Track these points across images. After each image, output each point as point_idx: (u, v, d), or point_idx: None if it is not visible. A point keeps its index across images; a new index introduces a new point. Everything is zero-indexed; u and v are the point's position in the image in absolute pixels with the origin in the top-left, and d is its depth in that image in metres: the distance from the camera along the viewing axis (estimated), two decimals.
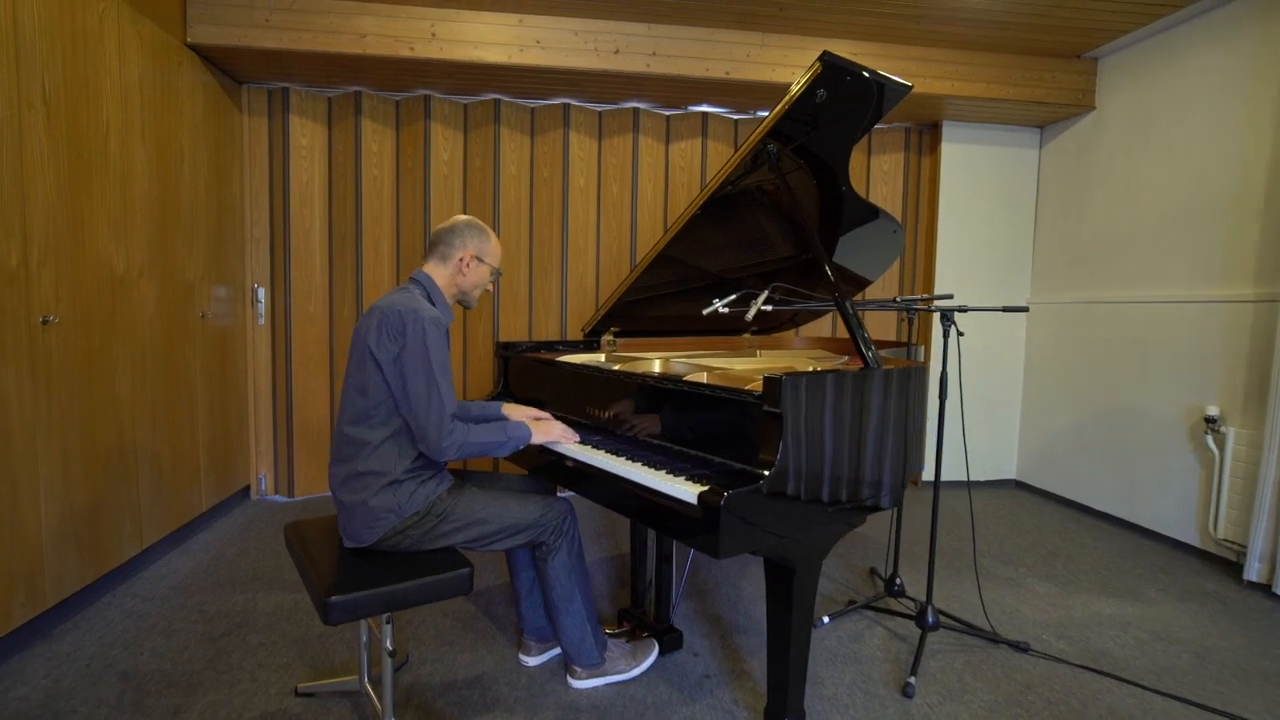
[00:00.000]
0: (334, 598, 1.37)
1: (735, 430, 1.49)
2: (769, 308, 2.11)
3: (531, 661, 1.97)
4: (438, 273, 1.77)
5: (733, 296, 2.36)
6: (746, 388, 1.55)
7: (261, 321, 3.54)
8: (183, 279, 2.87)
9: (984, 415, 4.01)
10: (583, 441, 1.84)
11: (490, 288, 1.88)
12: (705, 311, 2.35)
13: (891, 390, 1.64)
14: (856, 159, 3.91)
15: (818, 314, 3.04)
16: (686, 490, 1.36)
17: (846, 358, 2.73)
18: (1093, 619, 2.36)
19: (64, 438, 2.13)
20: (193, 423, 2.95)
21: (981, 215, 3.93)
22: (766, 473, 1.34)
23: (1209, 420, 2.84)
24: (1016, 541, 3.13)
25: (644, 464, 1.58)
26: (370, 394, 1.58)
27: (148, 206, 2.59)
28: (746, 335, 3.19)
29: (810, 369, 2.41)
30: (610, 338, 2.75)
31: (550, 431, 1.79)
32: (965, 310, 2.04)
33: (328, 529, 1.75)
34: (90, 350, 2.26)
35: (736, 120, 3.82)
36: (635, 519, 1.63)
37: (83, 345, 2.22)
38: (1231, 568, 2.77)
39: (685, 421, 1.64)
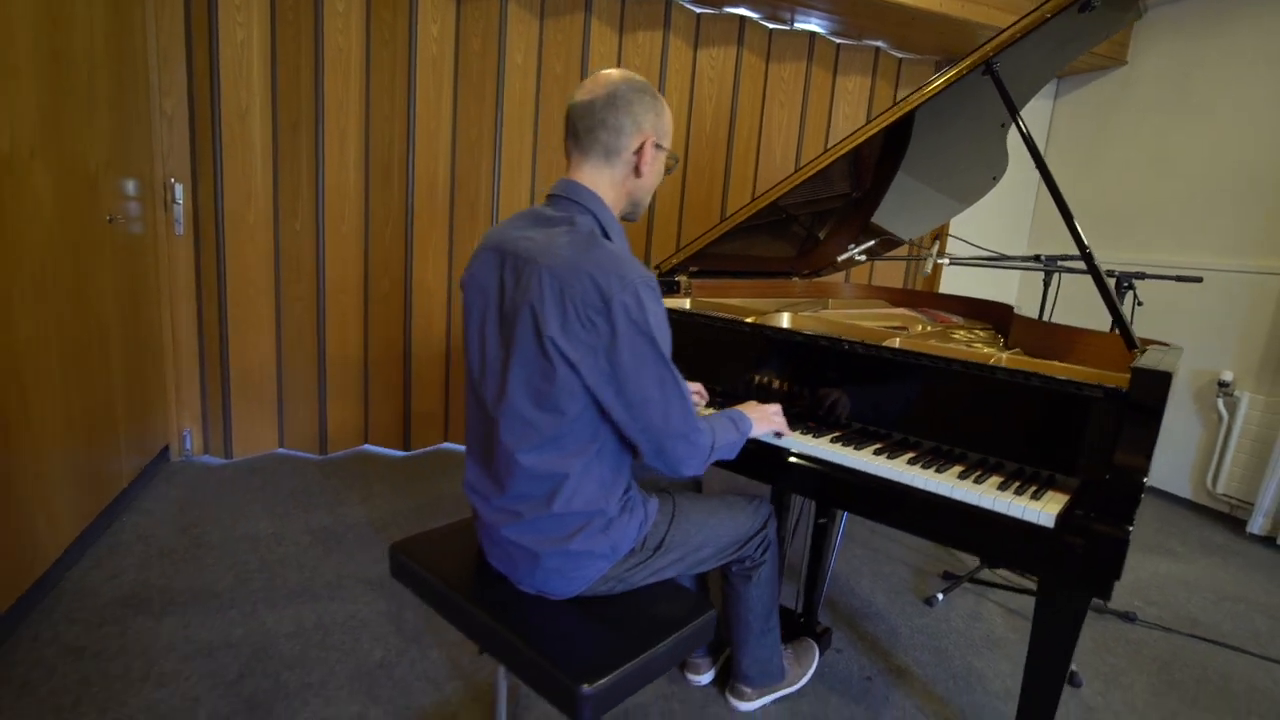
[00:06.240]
0: (585, 688, 0.92)
1: (1067, 430, 1.19)
2: (945, 260, 1.80)
3: (704, 680, 1.62)
4: (601, 180, 1.11)
5: (872, 243, 2.03)
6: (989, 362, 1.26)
7: (180, 230, 2.65)
8: (83, 168, 1.99)
9: None
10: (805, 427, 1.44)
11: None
12: (841, 259, 2.00)
13: None
14: (865, 94, 3.61)
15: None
16: (1036, 511, 1.06)
17: (903, 309, 2.51)
18: (1155, 579, 2.42)
19: None
20: (106, 367, 2.14)
21: None
22: (1136, 480, 1.06)
23: (1222, 384, 3.00)
24: None
25: (942, 472, 1.25)
26: (565, 406, 1.04)
27: (31, 54, 1.70)
28: (795, 279, 2.86)
29: (923, 328, 2.11)
30: (686, 279, 2.32)
31: (768, 417, 1.35)
32: (1144, 278, 1.86)
33: (464, 553, 1.26)
34: None
35: (771, 30, 3.35)
36: (934, 538, 1.30)
37: None
38: (1227, 520, 3.00)
39: (984, 414, 1.30)
